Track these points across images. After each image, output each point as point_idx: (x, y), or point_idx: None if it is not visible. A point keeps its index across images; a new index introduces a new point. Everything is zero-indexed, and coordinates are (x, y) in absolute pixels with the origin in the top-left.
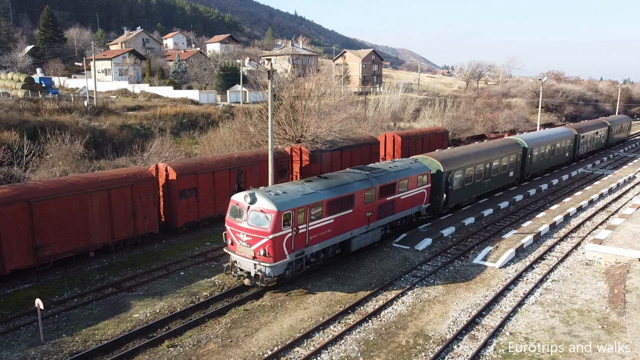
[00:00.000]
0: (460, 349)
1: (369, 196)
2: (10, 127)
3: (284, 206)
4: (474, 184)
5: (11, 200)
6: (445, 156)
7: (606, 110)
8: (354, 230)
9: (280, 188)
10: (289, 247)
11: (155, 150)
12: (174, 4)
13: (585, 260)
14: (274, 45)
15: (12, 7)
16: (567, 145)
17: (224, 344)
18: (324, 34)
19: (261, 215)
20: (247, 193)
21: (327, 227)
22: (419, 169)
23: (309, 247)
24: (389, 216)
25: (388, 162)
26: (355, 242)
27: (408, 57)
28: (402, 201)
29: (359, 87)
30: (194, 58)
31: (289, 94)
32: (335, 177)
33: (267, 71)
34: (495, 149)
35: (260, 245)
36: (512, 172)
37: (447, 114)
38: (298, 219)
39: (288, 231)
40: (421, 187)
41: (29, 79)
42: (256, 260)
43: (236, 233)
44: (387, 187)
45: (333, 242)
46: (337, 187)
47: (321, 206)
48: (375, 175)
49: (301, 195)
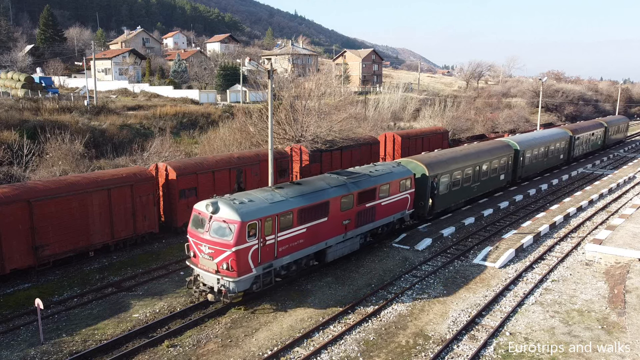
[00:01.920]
0: (460, 349)
1: (346, 203)
2: (10, 127)
3: (248, 216)
4: (462, 188)
5: (11, 200)
6: (431, 159)
7: (606, 110)
8: (330, 240)
9: (247, 196)
10: (255, 260)
11: (155, 150)
12: (174, 4)
13: (585, 261)
14: (274, 45)
15: (12, 7)
16: (562, 147)
17: (224, 344)
18: (324, 34)
19: (224, 225)
20: (209, 202)
21: (299, 237)
22: (402, 173)
23: (278, 259)
24: (368, 224)
25: (369, 166)
26: (332, 252)
27: (408, 56)
28: (383, 207)
29: (359, 86)
30: (194, 58)
31: (289, 94)
32: (309, 183)
33: (267, 71)
34: (485, 151)
35: (223, 258)
36: (503, 175)
37: (447, 113)
38: (265, 229)
39: (254, 243)
40: (404, 192)
41: (29, 78)
42: (219, 275)
43: (198, 245)
44: (366, 193)
45: (306, 253)
46: (309, 194)
47: (291, 215)
48: (353, 181)
49: (269, 204)
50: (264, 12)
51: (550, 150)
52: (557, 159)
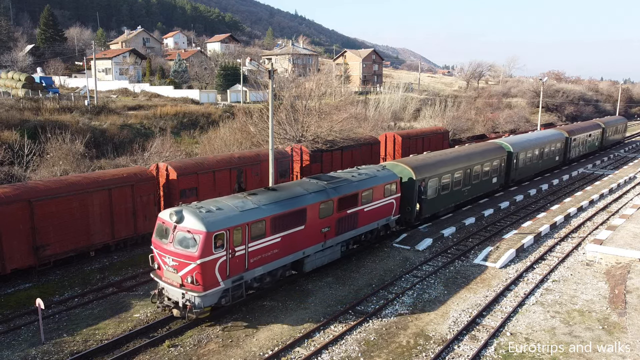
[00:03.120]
0: (461, 349)
1: (325, 210)
2: (11, 127)
3: (215, 225)
4: (451, 192)
5: (12, 200)
6: (419, 162)
7: (607, 110)
8: (307, 249)
9: (216, 204)
10: (223, 273)
11: (156, 150)
12: (174, 4)
13: (586, 261)
14: (274, 45)
15: (12, 6)
16: (557, 149)
17: (225, 344)
18: (324, 34)
19: (188, 236)
20: (173, 210)
21: (273, 247)
22: (387, 177)
23: (249, 271)
24: (350, 231)
25: (351, 170)
26: (310, 262)
27: (408, 56)
28: (366, 214)
29: (360, 86)
30: (195, 57)
31: (290, 94)
32: (285, 189)
33: (268, 71)
34: (476, 153)
35: (187, 271)
36: (496, 178)
37: (447, 113)
38: (234, 239)
39: (221, 254)
40: (389, 197)
41: (30, 78)
42: (184, 289)
43: (162, 256)
44: (347, 199)
45: (281, 264)
46: (284, 201)
47: (264, 223)
48: (333, 186)
49: (239, 212)
50: (264, 12)
51: (545, 152)
52: (553, 160)
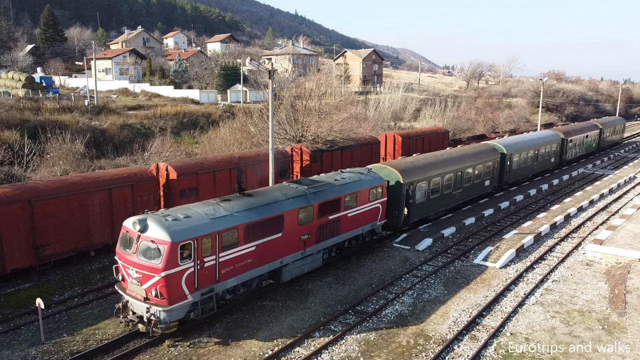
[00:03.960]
0: (461, 349)
1: (305, 216)
2: (11, 127)
3: (181, 235)
4: (441, 195)
5: (12, 200)
6: (408, 165)
7: (607, 110)
8: (285, 258)
9: (185, 211)
10: (191, 285)
11: (156, 150)
12: (174, 4)
13: (586, 261)
14: (274, 45)
15: (12, 6)
16: (553, 150)
17: (225, 344)
18: (324, 34)
19: (152, 246)
20: (136, 218)
21: (247, 257)
22: (372, 180)
23: (220, 283)
24: (332, 238)
25: (335, 174)
26: (288, 271)
27: (408, 56)
28: (349, 219)
29: (360, 86)
30: (195, 57)
31: (290, 94)
32: (261, 195)
33: (268, 71)
34: (468, 155)
35: (151, 284)
36: (489, 180)
37: (447, 113)
38: (203, 249)
39: (189, 265)
40: (375, 202)
41: (30, 78)
42: (148, 303)
43: (126, 268)
44: (328, 204)
45: (256, 274)
46: (259, 208)
47: (237, 232)
48: (314, 191)
49: (209, 220)
50: (264, 12)
51: (540, 154)
52: (548, 162)
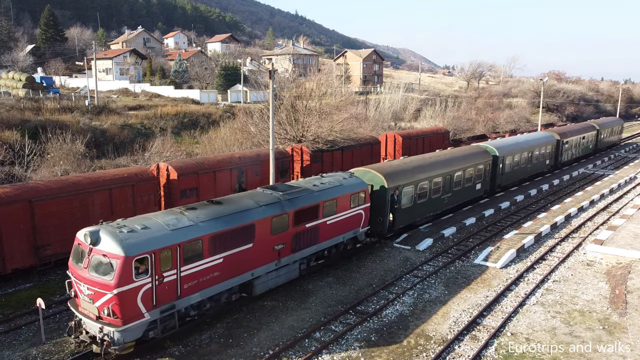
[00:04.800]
0: (462, 349)
1: (279, 224)
2: (12, 127)
3: (136, 248)
4: (429, 200)
5: (12, 200)
6: (393, 168)
7: (607, 110)
8: (257, 270)
9: (144, 221)
10: (149, 302)
11: (157, 150)
12: (174, 4)
13: (587, 261)
14: (274, 45)
15: (13, 7)
16: (548, 152)
17: (226, 344)
18: (324, 34)
19: (104, 261)
20: (88, 230)
21: (213, 270)
22: (354, 185)
23: (183, 299)
24: (310, 247)
25: (315, 178)
26: (261, 284)
27: (409, 57)
28: (329, 227)
29: (360, 86)
30: (195, 57)
31: (290, 94)
32: (230, 202)
33: (269, 71)
34: (458, 158)
35: (104, 302)
36: (480, 184)
37: (448, 114)
38: (162, 263)
39: (145, 281)
40: (357, 208)
41: (30, 78)
42: (101, 322)
43: (78, 284)
44: (305, 212)
45: (224, 288)
46: (228, 217)
47: (200, 243)
48: (289, 198)
49: (170, 231)
50: (264, 12)
51: (534, 156)
52: (543, 164)
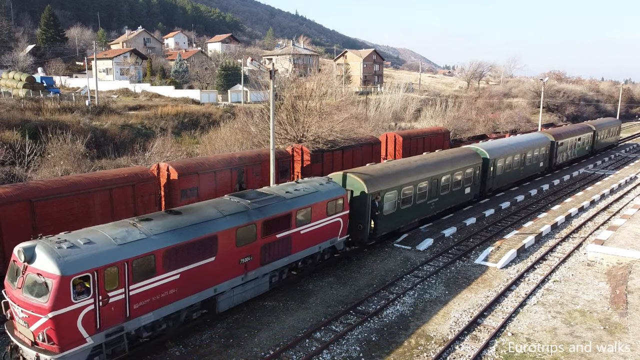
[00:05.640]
0: (462, 349)
1: (246, 235)
2: (12, 127)
3: (75, 266)
4: (414, 205)
5: (13, 200)
6: (375, 172)
7: (607, 110)
8: (221, 285)
9: (89, 234)
10: (91, 326)
11: (157, 150)
12: (175, 4)
13: (587, 261)
14: (275, 45)
15: (13, 7)
16: (542, 154)
17: (226, 344)
18: (325, 34)
19: (39, 280)
20: (22, 246)
21: (169, 287)
22: (331, 191)
23: (133, 320)
24: (281, 258)
25: (289, 184)
26: (225, 300)
27: (409, 57)
28: (302, 237)
29: (360, 86)
30: (195, 57)
31: (290, 94)
32: (191, 212)
33: (269, 71)
34: (445, 161)
35: (39, 326)
36: (469, 188)
37: (448, 114)
38: (107, 282)
39: (87, 303)
40: (335, 216)
41: (30, 78)
42: (37, 348)
43: (12, 305)
44: (276, 221)
45: (182, 306)
46: (186, 229)
47: (153, 259)
48: (258, 206)
49: (117, 246)
50: (265, 12)
51: (527, 158)
52: (537, 167)
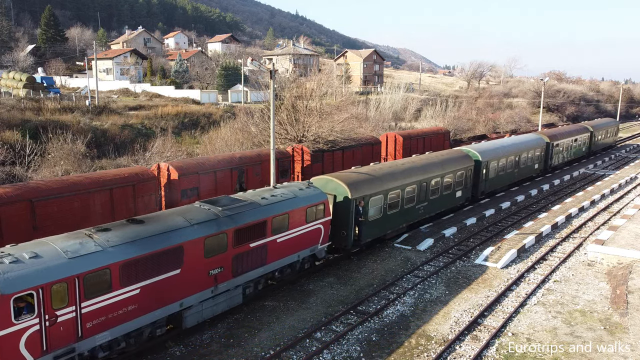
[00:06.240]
0: (463, 349)
1: (215, 245)
2: (12, 127)
3: (17, 284)
4: (402, 210)
5: (13, 200)
6: (359, 177)
7: (608, 110)
8: (188, 299)
9: (36, 247)
10: (36, 348)
11: (157, 150)
12: (175, 4)
13: (587, 261)
14: (275, 45)
15: (13, 7)
16: (537, 156)
17: (226, 344)
18: (325, 34)
19: None
20: None
21: (127, 303)
22: (311, 197)
23: (86, 340)
24: (255, 269)
25: (265, 190)
26: (192, 315)
27: (409, 57)
28: (279, 245)
29: (360, 87)
30: (195, 58)
31: (291, 94)
32: (155, 221)
33: (270, 71)
34: (435, 164)
35: None
36: (461, 191)
37: (448, 114)
38: (54, 300)
39: (30, 323)
40: (315, 222)
41: (31, 78)
42: None
43: None
44: (249, 229)
45: (144, 322)
46: (147, 240)
47: (109, 273)
48: (229, 214)
49: (66, 260)
50: (265, 12)
51: (522, 160)
52: (531, 169)
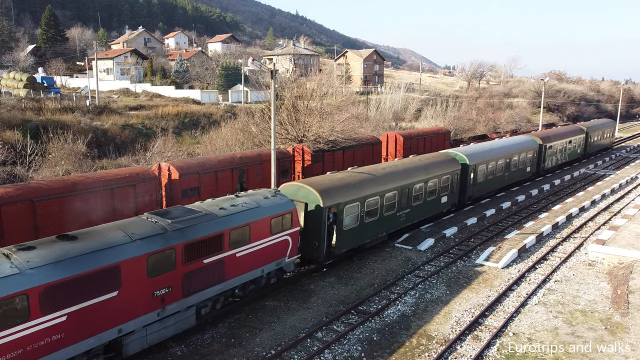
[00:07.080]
0: (464, 349)
1: (161, 263)
2: (13, 127)
3: None
4: (381, 218)
5: (14, 200)
6: (333, 183)
7: (608, 110)
8: (128, 324)
9: None
10: None
11: (158, 150)
12: (175, 4)
13: (588, 261)
14: (275, 45)
15: (13, 7)
16: (529, 158)
17: (228, 344)
18: (325, 34)
19: None
20: None
21: (51, 332)
22: (277, 206)
23: None
24: (211, 287)
25: (224, 199)
26: (136, 341)
27: (409, 57)
28: (238, 260)
29: (361, 87)
30: (196, 58)
31: (291, 94)
32: (89, 237)
33: (270, 71)
34: (418, 168)
35: None
36: (446, 196)
37: (448, 114)
38: None
39: None
40: (281, 234)
41: (31, 78)
42: None
43: None
44: (202, 244)
45: (73, 353)
46: (76, 259)
47: (26, 299)
48: (179, 227)
49: None
50: (265, 12)
51: (512, 163)
52: (523, 172)
